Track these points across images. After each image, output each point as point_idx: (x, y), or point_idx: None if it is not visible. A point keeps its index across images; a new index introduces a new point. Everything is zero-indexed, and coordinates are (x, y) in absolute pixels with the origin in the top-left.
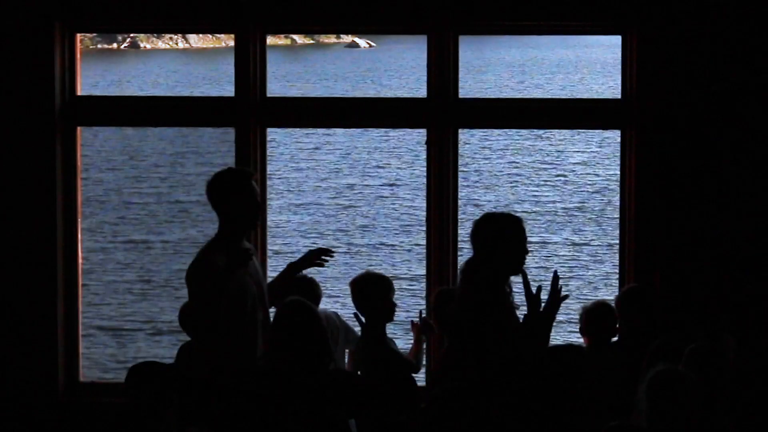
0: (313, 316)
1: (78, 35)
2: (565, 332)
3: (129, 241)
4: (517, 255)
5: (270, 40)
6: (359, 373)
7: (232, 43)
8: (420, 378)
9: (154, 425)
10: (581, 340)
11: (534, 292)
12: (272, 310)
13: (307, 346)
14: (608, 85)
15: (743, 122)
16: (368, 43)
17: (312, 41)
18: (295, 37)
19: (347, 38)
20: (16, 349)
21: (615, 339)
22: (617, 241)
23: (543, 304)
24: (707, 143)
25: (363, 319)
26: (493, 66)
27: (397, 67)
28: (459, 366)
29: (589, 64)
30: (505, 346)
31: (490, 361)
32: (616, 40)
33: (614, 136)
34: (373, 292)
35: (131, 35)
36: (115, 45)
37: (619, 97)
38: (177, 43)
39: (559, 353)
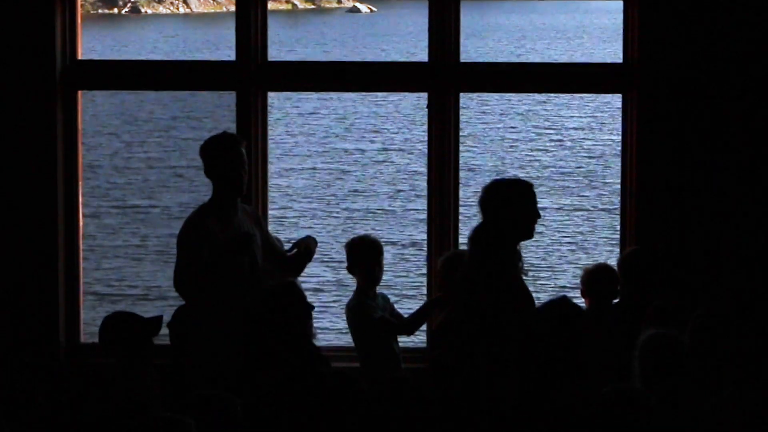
0: (294, 300)
1: None
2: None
3: (122, 207)
4: (526, 220)
5: (271, 4)
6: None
7: (232, 8)
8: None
9: (130, 382)
10: (582, 303)
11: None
12: None
13: (285, 331)
14: (608, 51)
15: (746, 86)
16: (369, 7)
17: (313, 6)
18: (295, 1)
19: (348, 3)
20: (18, 310)
21: (616, 301)
22: (613, 206)
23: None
24: (710, 107)
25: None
26: (493, 31)
27: (398, 31)
28: (460, 330)
29: (590, 29)
30: (510, 313)
31: (493, 327)
32: (617, 5)
33: (613, 100)
34: (367, 255)
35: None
36: (115, 9)
37: (620, 61)
38: (178, 8)
39: (555, 308)
